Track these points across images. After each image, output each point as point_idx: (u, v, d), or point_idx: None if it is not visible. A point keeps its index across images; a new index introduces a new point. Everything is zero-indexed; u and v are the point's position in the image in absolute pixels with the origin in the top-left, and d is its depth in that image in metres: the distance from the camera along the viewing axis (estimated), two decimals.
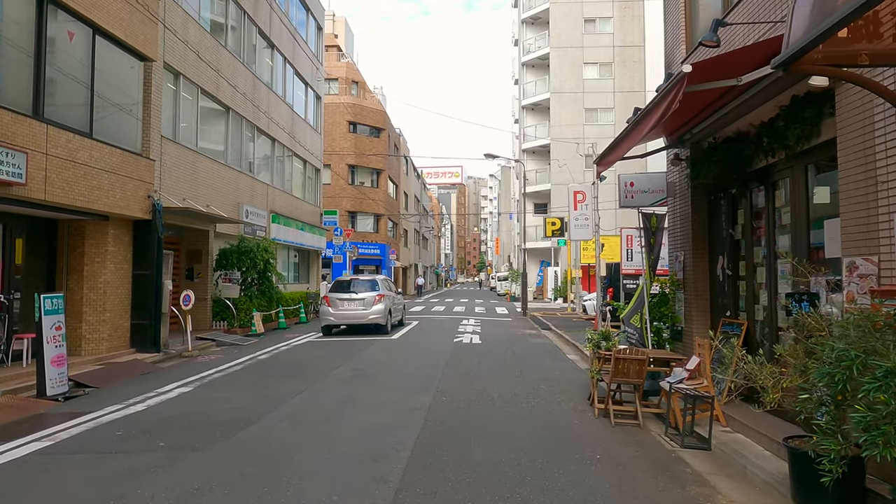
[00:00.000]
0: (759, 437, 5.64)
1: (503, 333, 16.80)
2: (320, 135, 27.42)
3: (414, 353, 12.35)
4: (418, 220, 59.40)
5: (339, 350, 12.87)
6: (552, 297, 37.26)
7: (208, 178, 15.84)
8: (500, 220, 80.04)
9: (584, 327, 18.61)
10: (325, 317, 15.55)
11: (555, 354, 12.71)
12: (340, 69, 41.73)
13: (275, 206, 20.95)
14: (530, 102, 41.42)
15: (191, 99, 15.31)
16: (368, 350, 12.80)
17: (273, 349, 13.10)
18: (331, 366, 10.57)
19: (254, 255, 16.18)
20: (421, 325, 18.87)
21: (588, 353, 10.75)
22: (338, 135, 39.22)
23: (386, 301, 15.79)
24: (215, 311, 16.05)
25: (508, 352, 12.73)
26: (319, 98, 27.16)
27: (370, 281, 16.08)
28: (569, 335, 15.60)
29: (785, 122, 5.36)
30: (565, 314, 25.02)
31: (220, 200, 16.47)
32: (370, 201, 40.48)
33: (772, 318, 6.27)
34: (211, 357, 12.07)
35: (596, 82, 38.99)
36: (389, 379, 9.30)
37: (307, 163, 25.37)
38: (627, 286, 16.55)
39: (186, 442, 5.81)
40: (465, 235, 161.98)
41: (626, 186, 8.65)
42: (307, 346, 13.67)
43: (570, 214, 16.90)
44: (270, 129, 20.50)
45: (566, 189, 37.88)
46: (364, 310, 15.42)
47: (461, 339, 15.06)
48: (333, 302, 15.53)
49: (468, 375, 9.59)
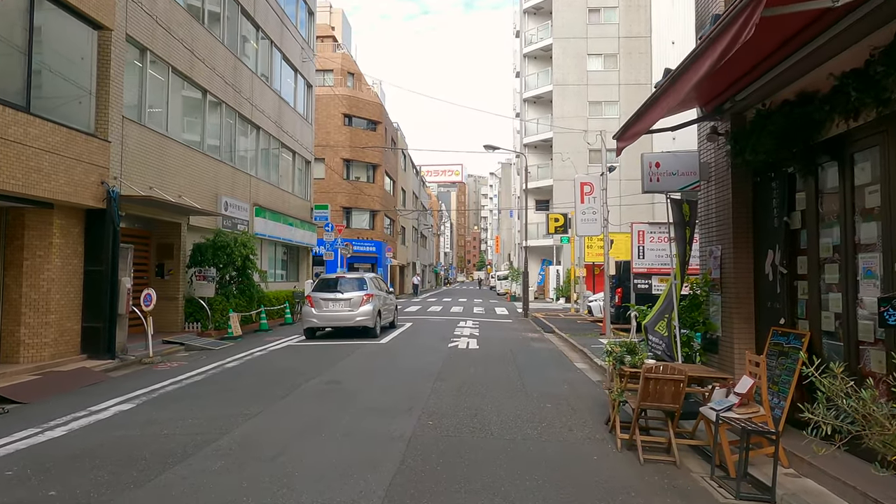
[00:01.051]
0: (841, 488, 4.26)
1: (503, 337, 15.41)
2: (311, 125, 26.02)
3: (403, 361, 10.97)
4: (416, 218, 58.00)
5: (318, 356, 11.49)
6: (554, 297, 35.88)
7: (182, 166, 14.45)
8: (500, 217, 78.66)
9: (590, 330, 17.25)
10: (307, 318, 14.16)
11: (561, 362, 11.33)
12: (336, 60, 40.33)
13: (259, 199, 19.56)
14: (532, 95, 40.02)
15: (161, 79, 13.92)
16: (352, 357, 11.41)
17: (245, 355, 11.72)
18: (304, 376, 9.18)
19: (231, 250, 14.79)
20: (414, 328, 17.48)
21: (602, 363, 9.40)
22: (332, 127, 37.83)
23: (375, 301, 14.40)
24: (188, 312, 14.66)
25: (509, 359, 11.34)
26: (310, 86, 25.76)
27: (358, 279, 14.69)
28: (574, 339, 14.23)
29: (886, 65, 3.97)
30: (569, 315, 23.63)
31: (196, 191, 15.08)
32: (366, 197, 39.09)
33: (848, 329, 4.89)
34: (173, 364, 10.69)
35: (600, 74, 37.58)
36: (369, 394, 7.92)
37: (296, 154, 23.98)
38: (639, 286, 15.16)
39: (85, 491, 4.42)
40: (465, 234, 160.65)
41: (651, 168, 7.25)
42: (284, 352, 12.29)
43: (577, 208, 15.53)
44: (254, 116, 19.11)
45: (569, 184, 36.50)
46: (350, 311, 14.03)
47: (457, 343, 13.67)
48: (317, 302, 14.15)
49: (462, 390, 8.20)
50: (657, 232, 15.26)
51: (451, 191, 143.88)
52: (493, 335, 15.73)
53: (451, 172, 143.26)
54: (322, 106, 37.75)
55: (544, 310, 27.34)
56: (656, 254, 15.26)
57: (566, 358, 11.95)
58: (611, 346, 6.45)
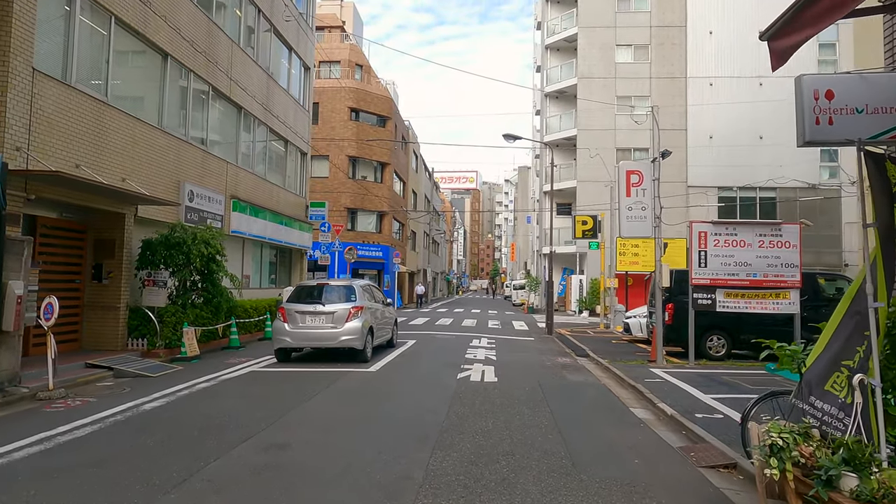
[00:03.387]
0: None
1: (527, 362, 12.29)
2: (308, 113, 23.14)
3: (392, 405, 7.89)
4: (428, 223, 55.04)
5: (277, 393, 8.45)
6: (576, 310, 32.63)
7: (129, 143, 11.57)
8: (515, 224, 75.51)
9: (632, 353, 14.09)
10: (278, 336, 11.16)
11: (611, 407, 8.20)
12: (343, 51, 37.61)
13: (238, 191, 16.65)
14: (554, 89, 36.91)
15: (102, 32, 11.05)
16: (323, 395, 8.36)
17: (183, 388, 8.71)
18: (237, 433, 6.14)
19: (188, 248, 11.84)
20: (416, 348, 14.39)
21: (673, 413, 6.30)
22: (337, 122, 35.02)
23: (365, 316, 11.37)
24: (133, 326, 11.73)
25: (539, 401, 8.22)
26: (308, 69, 22.90)
27: (345, 288, 11.66)
28: (618, 367, 11.10)
29: None
30: (598, 332, 20.44)
31: (149, 175, 12.19)
32: (373, 197, 36.18)
33: None
34: (77, 402, 7.72)
35: (630, 67, 34.41)
36: (320, 480, 4.84)
37: (290, 143, 21.09)
38: (699, 301, 12.00)
39: None
40: (479, 241, 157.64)
41: (817, 100, 4.13)
42: (237, 384, 9.26)
43: (620, 204, 12.40)
44: (234, 93, 16.23)
45: (594, 186, 33.32)
46: (333, 328, 11.00)
47: (469, 372, 10.57)
48: (291, 315, 11.15)
49: (474, 470, 5.11)
50: (723, 234, 12.11)
51: (466, 198, 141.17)
52: (514, 360, 12.61)
53: (466, 179, 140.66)
54: (327, 99, 35.03)
55: (568, 325, 24.14)
56: (722, 261, 12.10)
57: (616, 399, 8.81)
58: (774, 428, 3.31)
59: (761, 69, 33.25)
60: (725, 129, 32.49)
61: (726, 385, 9.67)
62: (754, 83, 33.10)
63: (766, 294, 12.06)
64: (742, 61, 33.24)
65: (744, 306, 12.14)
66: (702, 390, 9.06)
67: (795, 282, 11.95)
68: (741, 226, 12.24)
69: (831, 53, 33.44)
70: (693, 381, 9.99)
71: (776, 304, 12.08)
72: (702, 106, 32.61)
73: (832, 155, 33.32)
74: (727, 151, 32.51)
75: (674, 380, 10.10)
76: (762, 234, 12.12)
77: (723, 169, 32.56)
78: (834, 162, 33.14)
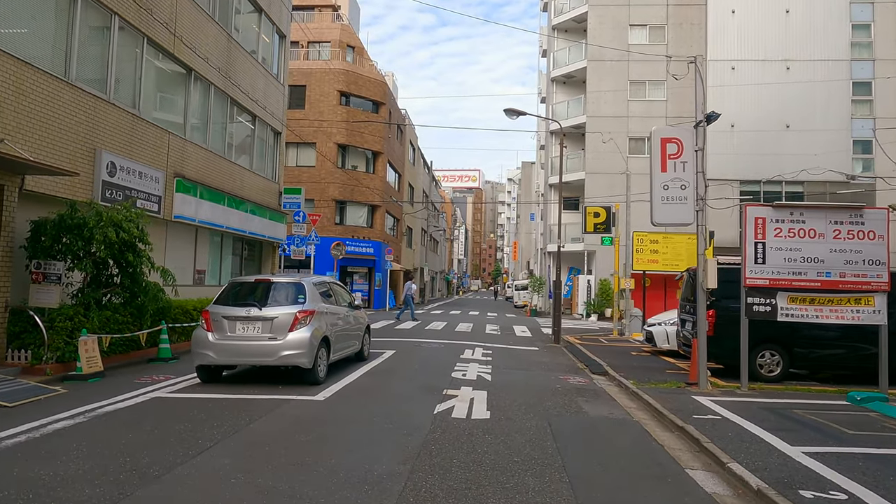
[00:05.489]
0: None
1: (530, 385, 9.48)
2: (283, 87, 20.36)
3: (319, 469, 5.03)
4: (426, 219, 52.26)
5: (158, 442, 5.62)
6: (584, 313, 29.84)
7: (8, 91, 8.80)
8: (518, 222, 72.73)
9: (659, 370, 11.38)
10: (199, 350, 8.37)
11: (660, 471, 5.37)
12: (334, 31, 34.85)
13: (185, 169, 13.89)
14: (561, 74, 34.09)
15: None
16: (217, 449, 5.53)
17: (26, 430, 5.93)
18: None
19: (89, 232, 9.08)
20: (392, 362, 11.59)
21: (761, 486, 3.53)
22: (326, 107, 32.26)
23: (316, 323, 8.57)
24: (14, 333, 8.96)
25: (551, 460, 5.41)
26: (284, 37, 20.14)
27: (293, 286, 8.85)
28: (649, 393, 8.36)
29: None
30: (613, 340, 17.65)
31: (43, 137, 9.43)
32: (363, 189, 33.40)
33: None
34: None
35: (644, 48, 31.54)
36: None
37: (259, 120, 18.33)
38: (755, 308, 9.20)
39: None
40: (481, 241, 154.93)
41: None
42: (114, 422, 6.42)
43: (654, 180, 9.61)
44: (180, 51, 13.47)
45: (604, 178, 30.45)
46: (272, 340, 8.22)
47: (452, 402, 7.76)
48: (217, 322, 8.37)
49: None
50: (787, 220, 9.29)
51: (468, 196, 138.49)
52: (513, 381, 9.80)
53: (469, 178, 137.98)
54: (314, 82, 32.32)
55: (576, 330, 21.35)
56: (785, 255, 9.28)
57: (661, 450, 6.00)
58: None
59: (788, 51, 30.44)
60: (749, 117, 29.62)
61: (810, 427, 6.89)
62: (780, 67, 30.29)
63: (842, 299, 9.26)
64: (767, 43, 30.44)
65: (813, 315, 9.33)
66: (782, 437, 6.29)
67: (882, 283, 9.16)
68: (811, 210, 9.42)
69: (866, 35, 30.57)
70: (760, 418, 7.22)
71: (856, 312, 9.27)
72: (723, 90, 29.71)
73: (865, 146, 30.47)
74: (750, 141, 29.67)
75: (732, 416, 7.33)
76: (838, 222, 9.31)
77: (745, 158, 29.70)
78: (869, 154, 30.28)
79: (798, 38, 30.25)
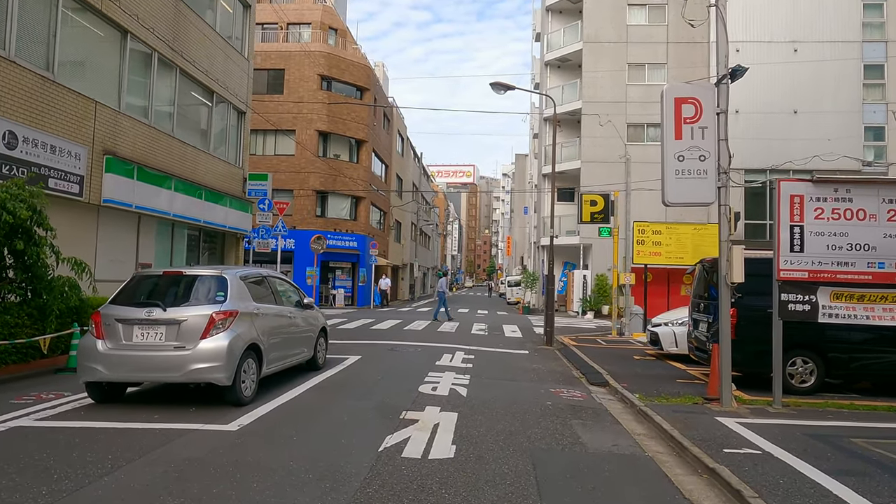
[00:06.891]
0: None
1: (514, 403, 7.65)
2: (248, 62, 18.45)
3: None
4: (416, 213, 50.39)
5: None
6: (579, 311, 28.07)
7: None
8: (512, 217, 70.92)
9: (669, 377, 9.62)
10: (85, 363, 6.48)
11: None
12: (315, 12, 32.86)
13: (119, 146, 11.99)
14: (555, 57, 32.21)
15: None
16: None
17: None
18: None
19: None
20: (349, 372, 9.73)
21: None
22: (305, 92, 30.33)
23: (240, 328, 6.71)
24: None
25: None
26: (248, 6, 18.22)
27: (212, 279, 6.97)
28: (662, 413, 6.55)
29: None
30: (611, 341, 15.88)
31: None
32: (346, 179, 31.51)
33: None
34: None
35: (643, 30, 29.78)
36: None
37: (217, 97, 16.43)
38: (791, 307, 7.42)
39: None
40: (476, 238, 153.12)
41: None
42: None
43: (665, 150, 7.81)
44: (108, 7, 11.56)
45: (601, 167, 28.61)
46: (178, 350, 6.36)
47: (408, 432, 5.93)
48: (110, 328, 6.50)
49: None
50: (831, 199, 7.50)
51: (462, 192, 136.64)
52: (493, 397, 7.96)
53: (463, 174, 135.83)
54: (294, 66, 30.41)
55: (572, 330, 19.57)
56: (828, 242, 7.48)
57: None
58: None
59: (796, 33, 28.63)
60: (755, 101, 27.81)
61: (878, 465, 5.13)
62: (788, 49, 28.47)
63: None
64: (773, 24, 28.61)
65: (863, 315, 7.55)
66: (853, 486, 4.51)
67: None
68: (860, 186, 7.61)
69: (878, 15, 28.80)
70: (812, 452, 5.47)
71: None
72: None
73: (877, 133, 28.74)
74: (756, 126, 27.87)
75: (774, 448, 5.58)
76: (894, 201, 7.53)
77: (751, 144, 27.86)
78: (881, 141, 28.55)
79: (806, 18, 28.46)
